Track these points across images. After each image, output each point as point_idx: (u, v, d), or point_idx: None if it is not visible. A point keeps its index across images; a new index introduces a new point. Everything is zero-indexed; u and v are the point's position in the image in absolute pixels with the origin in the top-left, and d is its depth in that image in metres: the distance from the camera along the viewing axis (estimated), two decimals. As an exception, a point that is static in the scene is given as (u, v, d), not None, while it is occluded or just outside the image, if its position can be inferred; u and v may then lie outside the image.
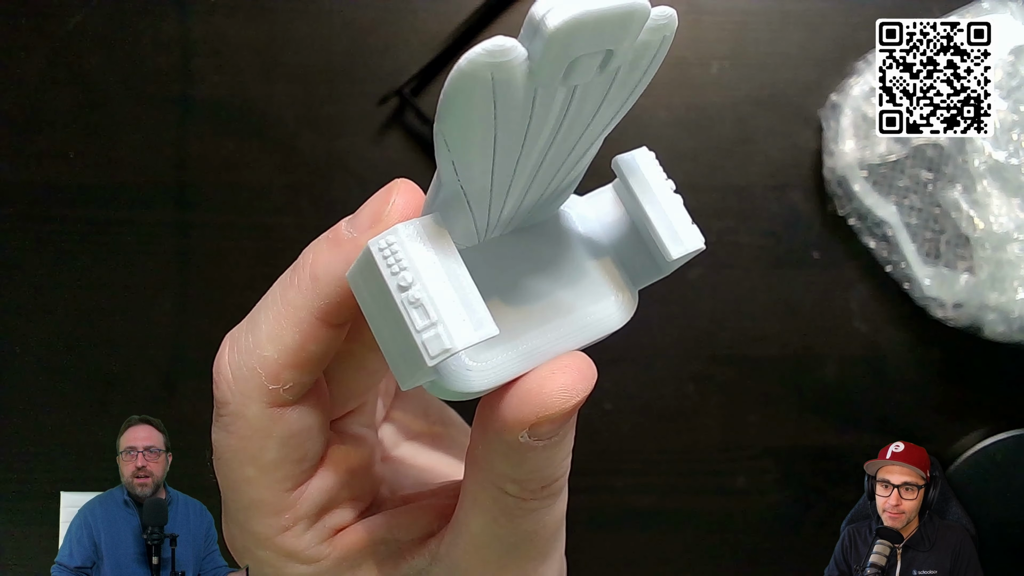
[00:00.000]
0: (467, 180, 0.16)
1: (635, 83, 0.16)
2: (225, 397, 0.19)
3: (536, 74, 0.14)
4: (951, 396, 0.62)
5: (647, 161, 0.19)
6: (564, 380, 0.17)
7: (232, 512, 0.20)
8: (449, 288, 0.16)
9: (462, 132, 0.15)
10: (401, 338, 0.16)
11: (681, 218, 0.19)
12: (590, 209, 0.21)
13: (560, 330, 0.19)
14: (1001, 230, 0.57)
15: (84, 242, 0.63)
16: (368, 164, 0.62)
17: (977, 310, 0.58)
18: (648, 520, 0.62)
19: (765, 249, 0.62)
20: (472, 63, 0.13)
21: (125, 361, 0.63)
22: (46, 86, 0.63)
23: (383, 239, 0.16)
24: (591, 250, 0.20)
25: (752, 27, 0.63)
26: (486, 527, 0.19)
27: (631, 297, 0.20)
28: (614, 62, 0.15)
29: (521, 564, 0.20)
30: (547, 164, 0.17)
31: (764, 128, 0.62)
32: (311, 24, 0.63)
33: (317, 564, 0.20)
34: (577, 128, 0.16)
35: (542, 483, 0.19)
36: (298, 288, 0.18)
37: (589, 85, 0.15)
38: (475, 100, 0.14)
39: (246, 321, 0.19)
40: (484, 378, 0.18)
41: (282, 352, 0.18)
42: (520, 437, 0.17)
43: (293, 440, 0.19)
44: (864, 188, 0.60)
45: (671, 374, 0.62)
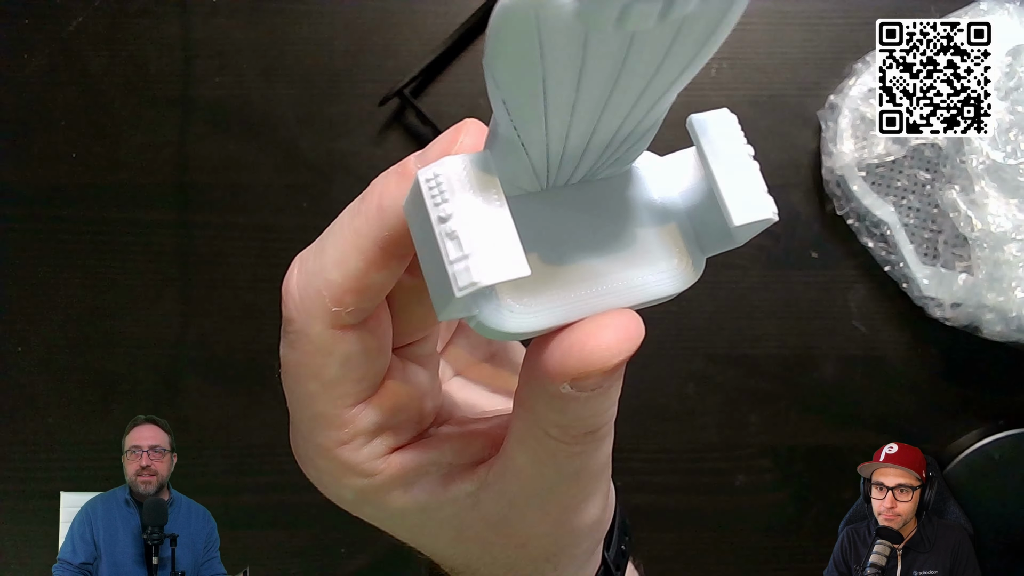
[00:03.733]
0: (520, 121, 0.16)
1: (703, 38, 0.15)
2: (291, 315, 0.20)
3: (586, 16, 0.13)
4: (949, 395, 0.62)
5: (725, 122, 0.19)
6: (608, 337, 0.17)
7: (297, 423, 0.21)
8: (486, 224, 0.16)
9: (508, 70, 0.14)
10: (438, 268, 0.16)
11: (753, 184, 0.18)
12: (668, 170, 0.20)
13: (610, 287, 0.19)
14: (999, 230, 0.57)
15: (85, 242, 0.63)
16: (369, 164, 0.63)
17: (975, 310, 0.58)
18: (648, 519, 0.62)
19: (764, 249, 0.62)
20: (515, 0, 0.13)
21: (126, 361, 0.63)
22: (48, 87, 0.64)
23: (431, 170, 0.16)
24: (659, 212, 0.20)
25: (752, 28, 0.63)
26: (531, 464, 0.20)
27: (691, 265, 0.20)
28: (676, 11, 0.14)
29: (564, 501, 0.21)
30: (608, 113, 0.16)
31: (763, 129, 0.63)
32: (312, 25, 0.64)
33: (372, 478, 0.21)
34: (639, 79, 0.16)
35: (585, 430, 0.19)
36: (364, 217, 0.19)
37: (649, 35, 0.14)
38: (519, 38, 0.14)
39: (315, 244, 0.20)
40: (522, 322, 0.18)
41: (346, 277, 0.19)
42: (562, 388, 0.18)
43: (353, 360, 0.20)
44: (862, 188, 0.60)
45: (671, 374, 0.62)
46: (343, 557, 0.62)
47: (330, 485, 0.22)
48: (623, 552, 0.27)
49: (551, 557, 0.23)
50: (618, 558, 0.27)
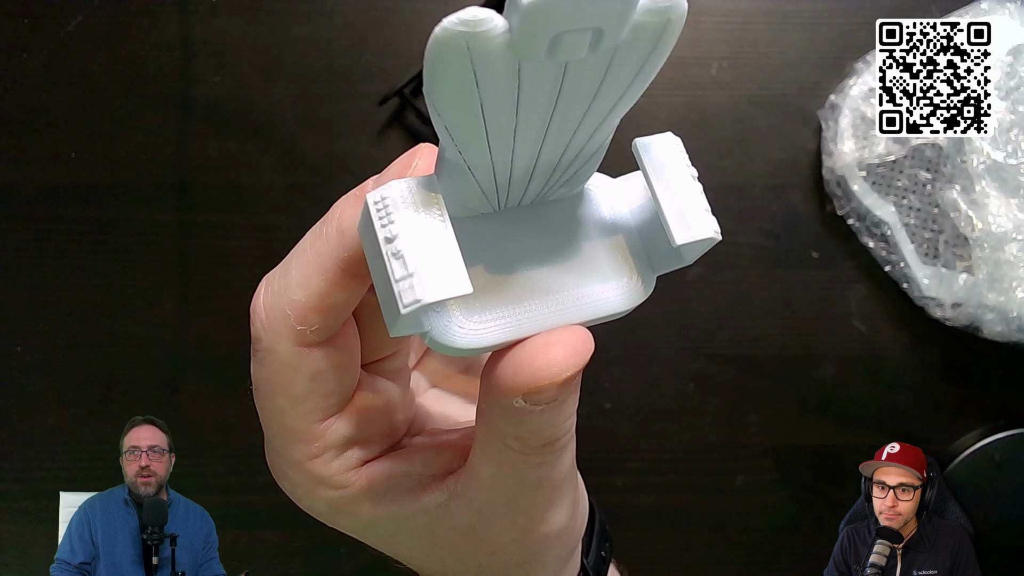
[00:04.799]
0: (464, 146, 0.16)
1: (637, 65, 0.16)
2: (259, 334, 0.20)
3: (516, 47, 0.14)
4: (949, 395, 0.62)
5: (669, 145, 0.19)
6: (557, 353, 0.18)
7: (269, 438, 0.22)
8: (429, 244, 0.17)
9: (445, 98, 0.15)
10: (386, 286, 0.17)
11: (695, 205, 0.19)
12: (619, 191, 0.21)
13: (560, 304, 0.19)
14: (999, 230, 0.57)
15: (85, 242, 0.63)
16: (368, 164, 0.62)
17: (975, 310, 0.58)
18: (648, 519, 0.62)
19: (764, 249, 0.62)
20: (445, 31, 0.14)
21: (125, 361, 0.63)
22: (47, 86, 0.64)
23: (379, 193, 0.17)
24: (610, 231, 0.20)
25: (752, 27, 0.63)
26: (494, 474, 0.20)
27: (641, 283, 0.20)
28: (606, 41, 0.14)
29: (529, 509, 0.21)
30: (551, 137, 0.17)
31: (763, 128, 0.63)
32: (311, 25, 0.63)
33: (344, 490, 0.21)
34: (578, 105, 0.16)
35: (542, 441, 0.20)
36: (325, 239, 0.20)
37: (583, 63, 0.15)
38: (453, 68, 0.14)
39: (280, 266, 0.21)
40: (472, 338, 0.18)
41: (309, 297, 0.20)
42: (516, 402, 0.18)
43: (320, 377, 0.20)
44: (863, 188, 0.60)
45: (671, 374, 0.62)
46: (343, 557, 0.62)
47: (303, 497, 0.22)
48: (603, 558, 0.28)
49: (522, 564, 0.23)
50: (597, 564, 0.27)
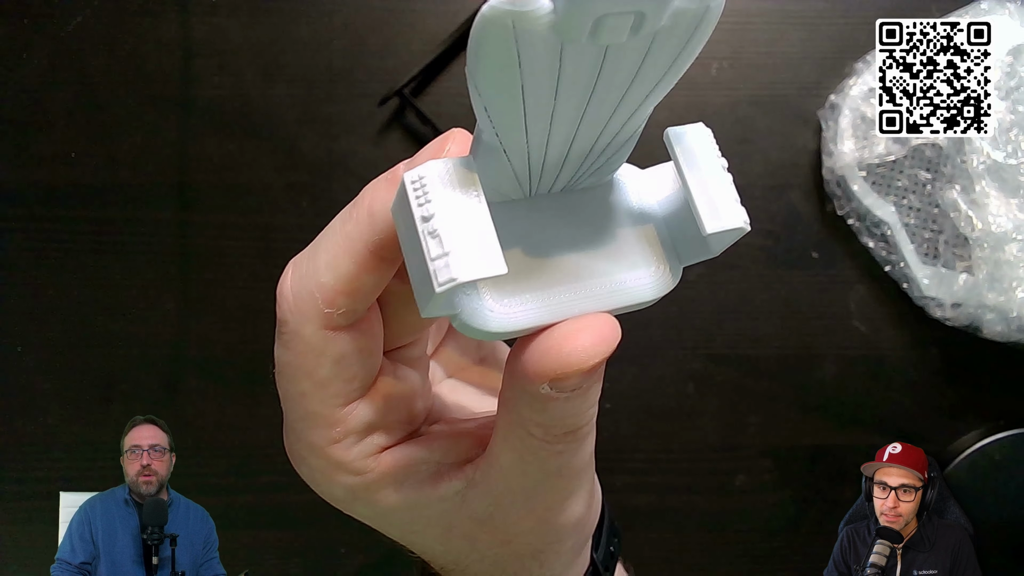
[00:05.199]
0: (501, 128, 0.16)
1: (675, 52, 0.16)
2: (285, 317, 0.21)
3: (560, 28, 0.14)
4: (949, 396, 0.62)
5: (700, 135, 0.19)
6: (584, 340, 0.18)
7: (290, 422, 0.22)
8: (466, 224, 0.17)
9: (488, 77, 0.15)
10: (421, 265, 0.17)
11: (725, 194, 0.19)
12: (649, 181, 0.21)
13: (589, 291, 0.19)
14: (999, 230, 0.57)
15: (85, 242, 0.63)
16: (368, 164, 0.62)
17: (975, 310, 0.58)
18: (648, 519, 0.62)
19: (764, 249, 0.62)
20: (493, 9, 0.14)
21: (126, 361, 0.63)
22: (47, 87, 0.64)
23: (416, 172, 0.17)
24: (639, 220, 0.21)
25: (752, 27, 0.63)
26: (514, 462, 0.21)
27: (669, 272, 0.20)
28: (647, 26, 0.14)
29: (547, 498, 0.21)
30: (587, 123, 0.17)
31: (763, 128, 0.63)
32: (311, 25, 0.63)
33: (363, 476, 0.22)
34: (615, 90, 0.16)
35: (565, 429, 0.20)
36: (356, 222, 0.19)
37: (623, 47, 0.15)
38: (497, 46, 0.14)
39: (309, 248, 0.21)
40: (502, 321, 0.18)
41: (338, 279, 0.20)
42: (542, 388, 0.18)
43: (344, 361, 0.20)
44: (863, 188, 0.60)
45: (671, 374, 0.62)
46: (343, 557, 0.62)
47: (322, 483, 0.22)
48: (612, 554, 0.28)
49: (536, 554, 0.23)
50: (607, 559, 0.28)
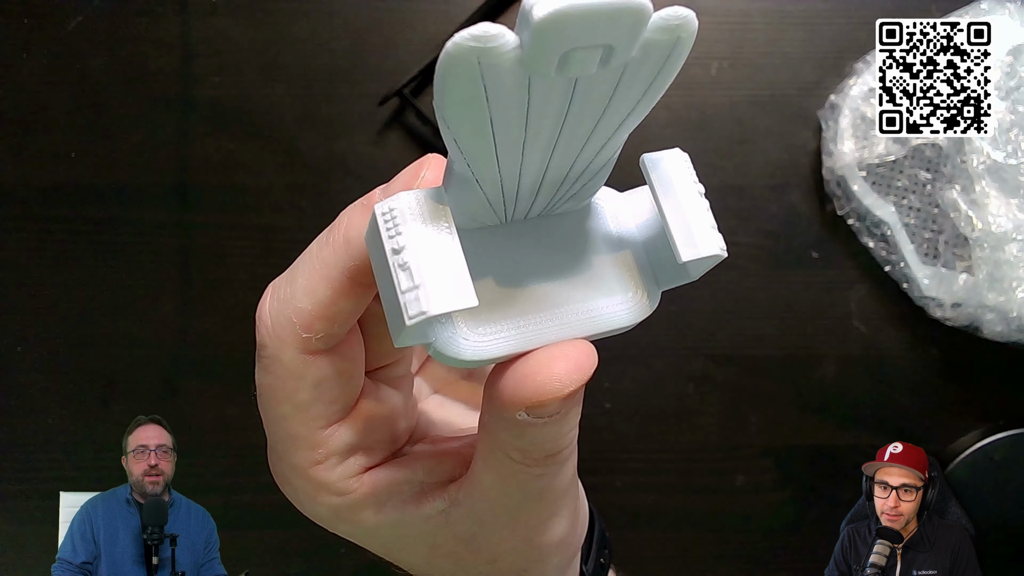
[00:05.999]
0: (472, 159, 0.16)
1: (647, 82, 0.16)
2: (264, 341, 0.20)
3: (527, 63, 0.14)
4: (949, 396, 0.62)
5: (676, 161, 0.19)
6: (559, 368, 0.18)
7: (273, 444, 0.22)
8: (436, 257, 0.17)
9: (455, 111, 0.15)
10: (393, 297, 0.17)
11: (701, 221, 0.19)
12: (628, 205, 0.21)
13: (565, 317, 0.19)
14: (999, 230, 0.57)
15: (85, 242, 0.63)
16: (368, 164, 0.62)
17: (975, 310, 0.58)
18: (648, 519, 0.62)
19: (764, 249, 0.62)
20: (457, 46, 0.14)
21: (125, 361, 0.63)
22: (47, 86, 0.64)
23: (387, 204, 0.17)
24: (616, 245, 0.20)
25: (752, 27, 0.63)
26: (495, 484, 0.21)
27: (646, 298, 0.20)
28: (616, 58, 0.15)
29: (529, 518, 0.21)
30: (559, 152, 0.17)
31: (763, 128, 0.63)
32: (311, 25, 0.63)
33: (345, 497, 0.22)
34: (587, 120, 0.16)
35: (544, 453, 0.20)
36: (332, 247, 0.19)
37: (593, 79, 0.15)
38: (463, 82, 0.14)
39: (287, 273, 0.21)
40: (476, 350, 0.18)
41: (315, 305, 0.19)
42: (518, 415, 0.18)
43: (324, 384, 0.20)
44: (863, 188, 0.60)
45: (671, 374, 0.62)
46: (343, 557, 0.62)
47: (306, 503, 0.22)
48: (602, 565, 0.28)
49: (520, 573, 0.23)
50: (596, 571, 0.28)
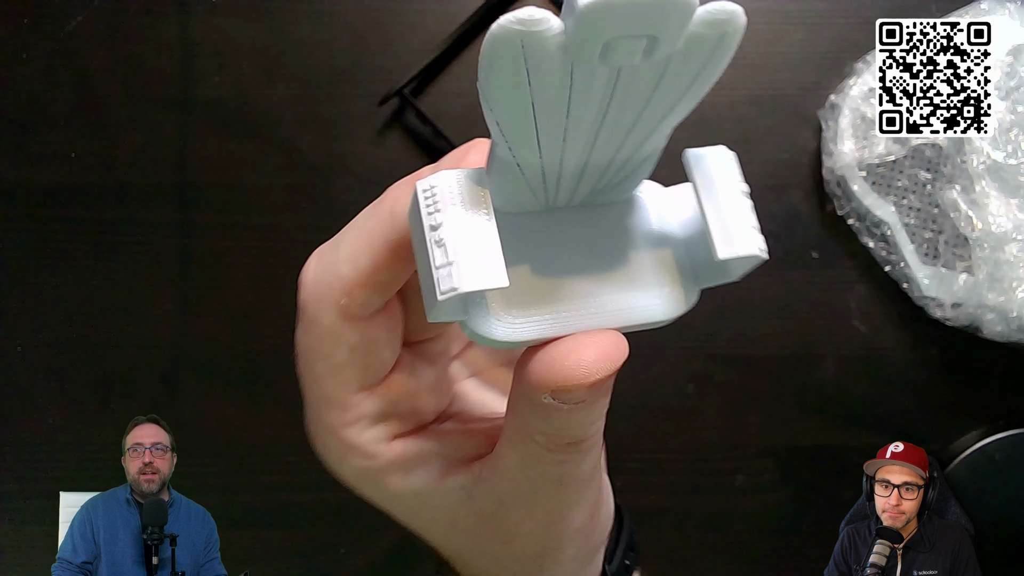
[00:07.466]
0: (514, 143, 0.17)
1: (691, 77, 0.16)
2: (305, 303, 0.21)
3: (570, 49, 0.14)
4: (950, 396, 0.62)
5: (720, 158, 0.19)
6: (588, 355, 0.18)
7: (309, 402, 0.23)
8: (471, 235, 0.17)
9: (498, 94, 0.15)
10: (428, 272, 0.17)
11: (742, 220, 0.18)
12: (669, 200, 0.21)
13: (600, 307, 0.19)
14: (999, 230, 0.57)
15: (85, 242, 0.63)
16: (368, 164, 0.62)
17: (975, 310, 0.58)
18: (648, 519, 0.62)
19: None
20: (502, 28, 0.14)
21: (125, 361, 0.63)
22: (47, 87, 0.64)
23: (428, 182, 0.17)
24: (656, 240, 0.20)
25: (752, 27, 0.63)
26: (518, 465, 0.21)
27: (683, 295, 0.20)
28: (660, 50, 0.14)
29: (548, 504, 0.22)
30: (601, 142, 0.17)
31: (763, 128, 0.63)
32: (311, 25, 0.63)
33: (372, 460, 0.22)
34: (629, 112, 0.16)
35: (568, 440, 0.20)
36: (377, 220, 0.20)
37: (636, 70, 0.15)
38: (507, 64, 0.14)
39: (332, 240, 0.21)
40: (508, 331, 0.19)
41: (356, 272, 0.20)
42: (543, 398, 0.18)
43: (360, 349, 0.21)
44: (863, 188, 0.60)
45: (671, 374, 0.62)
46: (343, 557, 0.62)
47: (334, 462, 0.23)
48: (626, 567, 0.28)
49: (535, 558, 0.23)
50: (620, 572, 0.28)
